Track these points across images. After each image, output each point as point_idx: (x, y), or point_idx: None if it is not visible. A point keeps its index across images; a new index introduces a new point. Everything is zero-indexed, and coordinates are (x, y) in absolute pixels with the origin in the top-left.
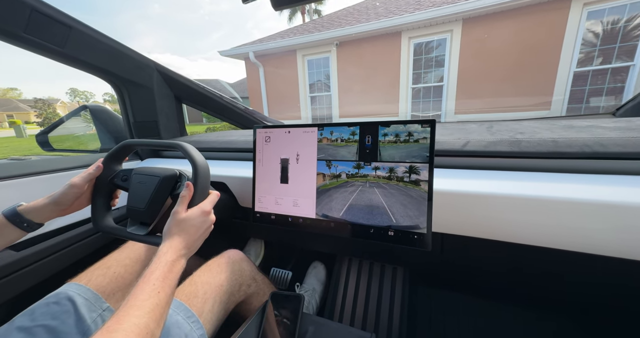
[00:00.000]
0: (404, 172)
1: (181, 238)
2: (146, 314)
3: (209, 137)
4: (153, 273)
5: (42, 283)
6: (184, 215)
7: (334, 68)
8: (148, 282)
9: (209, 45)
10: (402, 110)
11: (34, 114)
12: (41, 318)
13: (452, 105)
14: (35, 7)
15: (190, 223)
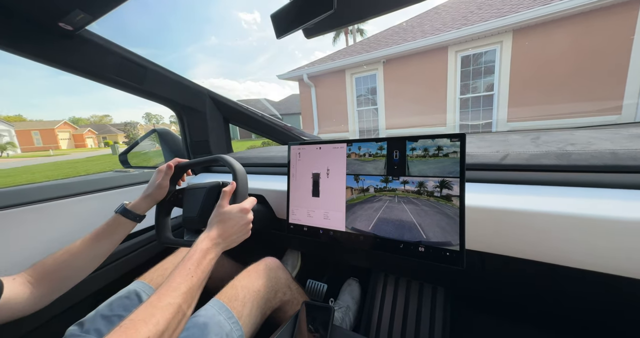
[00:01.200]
0: (434, 187)
1: (218, 229)
2: (180, 295)
3: (251, 153)
4: (189, 259)
5: (118, 279)
6: (224, 208)
7: (380, 83)
8: (184, 267)
9: (256, 67)
10: (450, 121)
11: (122, 136)
12: (117, 309)
13: (504, 113)
14: (123, 55)
15: (228, 215)
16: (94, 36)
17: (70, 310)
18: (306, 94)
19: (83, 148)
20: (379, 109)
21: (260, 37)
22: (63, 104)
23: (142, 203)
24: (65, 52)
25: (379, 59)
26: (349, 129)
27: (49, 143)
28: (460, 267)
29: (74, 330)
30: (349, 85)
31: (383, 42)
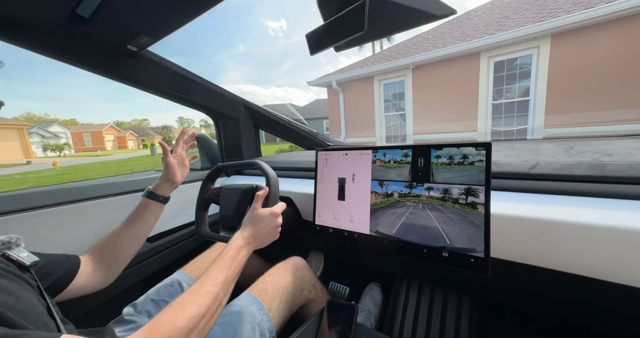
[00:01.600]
0: (459, 194)
1: (251, 229)
2: (218, 284)
3: (279, 158)
4: (226, 254)
5: (162, 269)
6: (257, 211)
7: (409, 89)
8: (221, 261)
9: (281, 73)
10: (481, 127)
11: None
12: (163, 295)
13: (540, 119)
14: (174, 70)
15: (260, 218)
16: (152, 55)
17: (124, 293)
18: (334, 99)
19: (125, 149)
20: (406, 114)
21: (286, 43)
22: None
23: (164, 186)
24: (130, 69)
25: (408, 65)
26: (375, 135)
27: (97, 144)
28: (485, 274)
29: (129, 310)
30: (377, 91)
31: (412, 49)
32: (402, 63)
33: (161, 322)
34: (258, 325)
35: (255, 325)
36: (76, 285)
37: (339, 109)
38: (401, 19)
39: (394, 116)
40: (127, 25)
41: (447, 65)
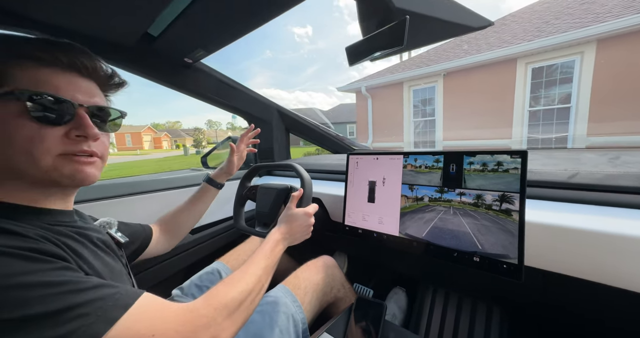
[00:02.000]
0: (493, 201)
1: (286, 227)
2: (261, 269)
3: (309, 160)
4: (266, 245)
5: (202, 258)
6: (292, 211)
7: (439, 95)
8: (262, 251)
9: (305, 78)
10: (517, 134)
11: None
12: (205, 281)
13: (582, 127)
14: (220, 79)
15: (295, 217)
16: (203, 65)
17: (171, 278)
18: (362, 105)
19: (160, 149)
20: (436, 120)
21: (311, 49)
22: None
23: (220, 174)
24: (185, 79)
25: (439, 72)
26: (403, 140)
27: (136, 144)
28: (519, 280)
29: (177, 292)
30: (406, 97)
31: (444, 56)
32: (434, 69)
33: (217, 291)
34: (292, 315)
35: (289, 315)
36: (147, 250)
37: (367, 114)
38: (438, 32)
39: (423, 122)
40: (188, 41)
41: (480, 72)
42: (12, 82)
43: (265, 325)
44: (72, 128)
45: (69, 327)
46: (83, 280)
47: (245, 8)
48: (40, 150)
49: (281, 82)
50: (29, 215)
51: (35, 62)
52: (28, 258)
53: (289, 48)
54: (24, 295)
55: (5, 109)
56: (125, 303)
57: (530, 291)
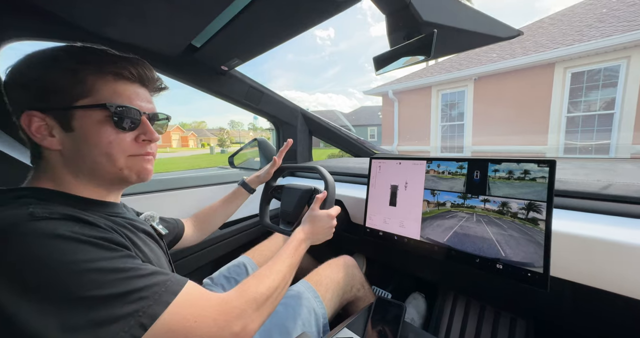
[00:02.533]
0: (520, 209)
1: (309, 227)
2: (285, 267)
3: (330, 163)
4: (290, 244)
5: (229, 252)
6: (316, 212)
7: (469, 100)
8: (287, 249)
9: (325, 80)
10: (552, 141)
11: (215, 139)
12: (232, 273)
13: (628, 136)
14: (251, 85)
15: (318, 218)
16: (236, 72)
17: (202, 268)
18: (388, 108)
19: (186, 147)
20: (465, 125)
21: (332, 51)
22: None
23: (254, 180)
24: (221, 85)
25: (470, 76)
26: (430, 144)
27: (165, 142)
28: (544, 290)
29: (207, 281)
30: (434, 101)
31: (476, 59)
32: (465, 74)
33: (248, 286)
34: (313, 309)
35: (311, 309)
36: (180, 242)
37: (392, 117)
38: (464, 43)
39: (451, 126)
40: (226, 51)
41: (514, 76)
42: (96, 93)
43: (288, 317)
44: (140, 133)
45: (132, 307)
46: (142, 267)
47: (281, 21)
48: (118, 152)
49: (302, 84)
50: (97, 206)
51: (114, 76)
52: (102, 246)
53: (310, 50)
54: (99, 278)
55: (90, 117)
56: (175, 290)
57: (558, 303)
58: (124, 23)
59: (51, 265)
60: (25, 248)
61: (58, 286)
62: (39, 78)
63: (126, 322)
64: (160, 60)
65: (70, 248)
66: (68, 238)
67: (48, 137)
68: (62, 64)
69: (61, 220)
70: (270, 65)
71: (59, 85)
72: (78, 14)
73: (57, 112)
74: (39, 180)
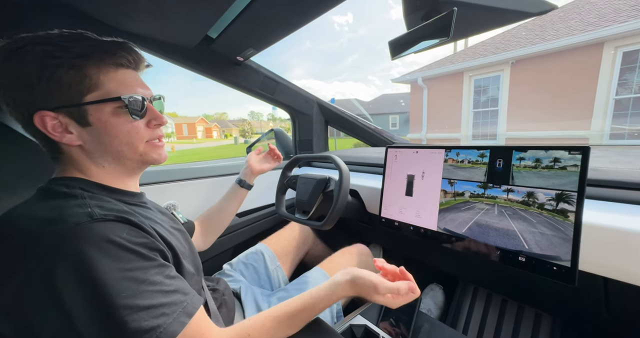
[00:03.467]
0: (547, 199)
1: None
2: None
3: (346, 153)
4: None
5: (248, 240)
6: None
7: (505, 85)
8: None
9: (343, 68)
10: (596, 126)
11: (236, 130)
12: (250, 259)
13: None
14: (266, 75)
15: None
16: (251, 62)
17: (221, 255)
18: (417, 95)
19: (210, 138)
20: (499, 111)
21: (351, 38)
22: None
23: (248, 176)
24: (236, 75)
25: (507, 60)
26: (460, 131)
27: (191, 133)
28: (571, 284)
29: (227, 267)
30: (466, 87)
31: (513, 42)
32: (500, 58)
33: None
34: None
35: None
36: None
37: (422, 105)
38: (488, 21)
39: (484, 113)
40: (241, 41)
41: (556, 58)
42: (102, 86)
43: None
44: (151, 119)
45: (156, 321)
46: (168, 282)
47: (294, 6)
48: (137, 140)
49: (319, 73)
50: (129, 196)
51: (115, 66)
52: (142, 255)
53: (328, 37)
54: (136, 287)
55: (104, 110)
56: (190, 312)
57: (588, 300)
58: (142, 16)
59: (97, 268)
60: (81, 250)
61: (101, 290)
62: (41, 77)
63: (149, 335)
64: (178, 53)
65: (117, 255)
66: (117, 244)
67: (66, 134)
68: (60, 60)
69: (115, 223)
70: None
71: (65, 83)
72: (99, 9)
73: (69, 109)
74: (68, 171)
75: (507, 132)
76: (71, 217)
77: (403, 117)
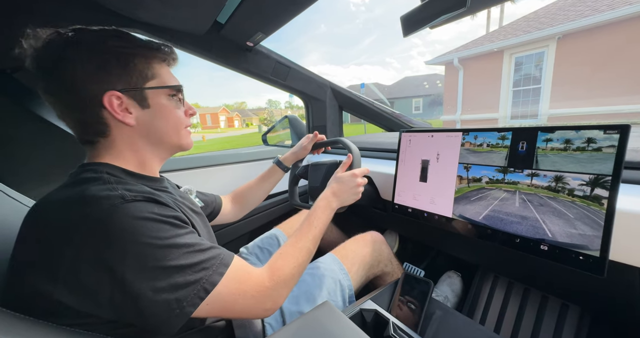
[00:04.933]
0: (577, 184)
1: (332, 190)
2: (309, 240)
3: (361, 138)
4: (312, 214)
5: (263, 225)
6: (339, 174)
7: (549, 62)
8: (310, 220)
9: (359, 51)
10: None
11: (256, 119)
12: (265, 244)
13: None
14: (277, 60)
15: (341, 179)
16: (262, 48)
17: (239, 239)
18: (452, 76)
19: (232, 128)
20: (542, 88)
21: (367, 18)
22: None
23: (290, 158)
24: (247, 61)
25: (553, 35)
26: (499, 112)
27: (214, 123)
28: (600, 275)
29: (243, 250)
30: (506, 66)
31: (561, 15)
32: (546, 33)
33: (277, 267)
34: (339, 281)
35: (337, 280)
36: (219, 218)
37: (456, 86)
38: None
39: (525, 91)
40: (249, 25)
41: (609, 30)
42: (158, 76)
43: (315, 286)
44: (187, 108)
45: (199, 275)
46: (202, 242)
47: None
48: (180, 124)
49: (336, 58)
50: (152, 182)
51: (164, 62)
52: (174, 225)
53: (343, 19)
54: (174, 251)
55: (160, 97)
56: (227, 262)
57: (623, 293)
58: (153, 5)
59: (140, 240)
60: (123, 227)
61: (147, 257)
62: (119, 62)
63: (195, 286)
64: (189, 41)
65: (154, 227)
66: (151, 219)
67: (128, 114)
68: (135, 50)
69: (144, 202)
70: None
71: (136, 69)
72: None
73: (134, 92)
74: (99, 156)
75: (550, 110)
76: (105, 200)
77: (427, 100)
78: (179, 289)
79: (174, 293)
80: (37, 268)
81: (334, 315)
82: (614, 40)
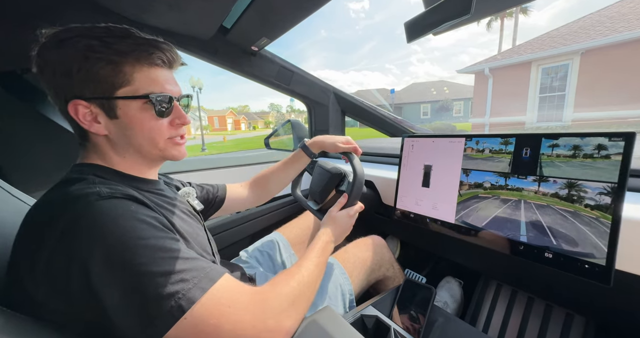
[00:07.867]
0: (581, 192)
1: (331, 229)
2: (313, 265)
3: (363, 143)
4: (316, 245)
5: (264, 229)
6: (334, 214)
7: (574, 72)
8: (314, 249)
9: (359, 57)
10: None
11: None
12: (265, 247)
13: None
14: (281, 64)
15: (338, 221)
16: (266, 52)
17: (239, 242)
18: (482, 84)
19: (239, 130)
20: (567, 95)
21: (366, 25)
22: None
23: (315, 146)
24: (251, 65)
25: (577, 51)
26: (526, 115)
27: (222, 126)
28: (606, 285)
29: (244, 253)
30: (534, 75)
31: (583, 34)
32: (570, 49)
33: (279, 280)
34: (340, 285)
35: (337, 284)
36: (235, 203)
37: (486, 92)
38: None
39: (550, 97)
40: (255, 30)
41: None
42: (134, 82)
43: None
44: (175, 117)
45: (174, 287)
46: (185, 250)
47: None
48: (158, 136)
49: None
50: (143, 183)
51: (149, 65)
52: (152, 225)
53: (343, 25)
54: (151, 254)
55: (132, 106)
56: (213, 278)
57: (631, 303)
58: (161, 9)
59: (111, 237)
60: (95, 223)
61: (114, 256)
62: (81, 68)
63: (167, 302)
64: (195, 44)
65: (128, 225)
66: (127, 216)
67: (95, 124)
68: (101, 54)
69: (122, 199)
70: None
71: (101, 76)
72: (118, 3)
73: (101, 101)
74: (89, 158)
75: (574, 113)
76: (83, 197)
77: (435, 106)
78: (150, 301)
79: (144, 305)
80: (22, 267)
81: (335, 321)
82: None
